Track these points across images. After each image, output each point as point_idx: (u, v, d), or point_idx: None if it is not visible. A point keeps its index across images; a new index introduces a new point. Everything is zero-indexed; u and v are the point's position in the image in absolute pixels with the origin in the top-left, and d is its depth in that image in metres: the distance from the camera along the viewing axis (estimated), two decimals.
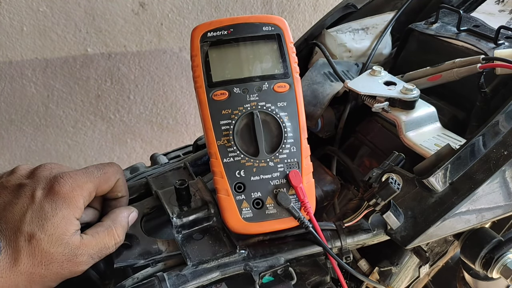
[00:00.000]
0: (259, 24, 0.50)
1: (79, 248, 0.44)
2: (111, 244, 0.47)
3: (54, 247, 0.43)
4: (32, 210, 0.43)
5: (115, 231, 0.47)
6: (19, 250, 0.41)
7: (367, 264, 0.61)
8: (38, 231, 0.42)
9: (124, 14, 1.36)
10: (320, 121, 0.70)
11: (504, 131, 0.51)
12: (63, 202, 0.44)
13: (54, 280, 0.44)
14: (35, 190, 0.44)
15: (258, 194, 0.48)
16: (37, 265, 0.42)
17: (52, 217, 0.43)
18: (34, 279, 0.42)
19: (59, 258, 0.43)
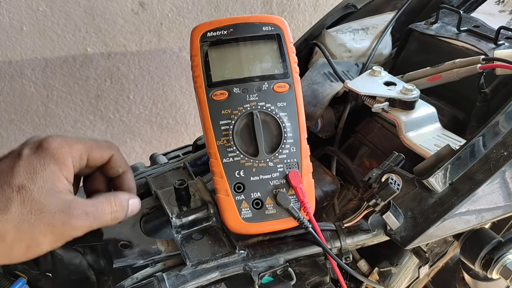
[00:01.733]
0: (259, 24, 0.50)
1: (73, 202, 0.42)
2: (107, 210, 0.45)
3: (45, 197, 0.41)
4: (19, 165, 0.42)
5: (113, 200, 0.46)
6: (8, 199, 0.40)
7: (367, 265, 0.61)
8: (27, 183, 0.41)
9: (123, 14, 1.36)
10: (320, 121, 0.70)
11: (504, 132, 0.51)
12: (51, 158, 0.43)
13: (44, 233, 0.41)
14: (22, 150, 0.43)
15: (258, 194, 0.48)
16: (26, 214, 0.40)
17: (41, 171, 0.42)
18: (22, 229, 0.40)
19: (51, 208, 0.41)
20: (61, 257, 0.52)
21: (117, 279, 0.53)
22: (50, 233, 0.41)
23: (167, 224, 0.61)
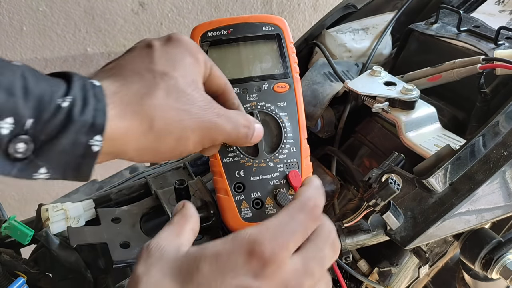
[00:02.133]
0: (259, 24, 0.50)
1: (214, 102, 0.38)
2: (242, 122, 0.40)
3: (190, 89, 0.37)
4: (156, 53, 0.37)
5: (245, 115, 0.42)
6: (151, 84, 0.35)
7: (367, 265, 0.61)
8: (170, 70, 0.36)
9: (123, 14, 1.36)
10: (320, 121, 0.70)
11: (504, 132, 0.51)
12: (185, 49, 0.38)
13: (192, 128, 0.36)
14: (150, 42, 0.39)
15: (258, 194, 0.48)
16: (173, 102, 0.35)
17: (180, 60, 0.37)
18: (171, 118, 0.35)
19: (197, 101, 0.37)
20: (58, 255, 0.52)
21: (117, 279, 0.53)
22: (198, 129, 0.37)
23: None
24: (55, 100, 0.29)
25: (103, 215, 0.56)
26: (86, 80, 0.32)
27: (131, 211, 0.57)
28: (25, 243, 0.55)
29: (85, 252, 0.55)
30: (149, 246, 0.33)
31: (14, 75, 0.28)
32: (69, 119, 0.30)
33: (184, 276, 0.30)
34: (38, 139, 0.29)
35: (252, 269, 0.30)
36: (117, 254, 0.49)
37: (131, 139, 0.34)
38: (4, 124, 0.27)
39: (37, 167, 0.30)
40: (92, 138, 0.31)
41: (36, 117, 0.29)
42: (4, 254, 0.54)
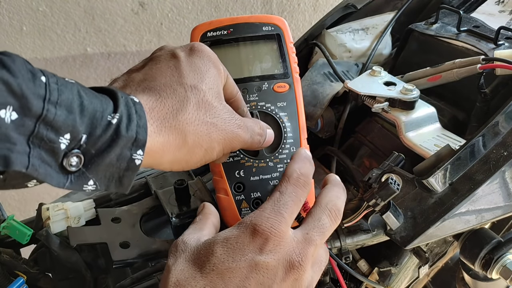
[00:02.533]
0: (259, 24, 0.50)
1: (234, 113, 0.40)
2: (256, 130, 0.43)
3: (216, 101, 0.39)
4: (183, 66, 0.39)
5: (259, 122, 0.44)
6: (183, 99, 0.37)
7: (367, 265, 0.61)
8: (198, 83, 0.38)
9: (123, 14, 1.36)
10: (320, 121, 0.70)
11: (504, 132, 0.51)
12: (208, 60, 0.40)
13: (218, 140, 0.39)
14: (174, 51, 0.40)
15: (258, 194, 0.48)
16: (202, 116, 0.38)
17: (206, 71, 0.39)
18: (201, 131, 0.38)
19: (222, 113, 0.39)
20: (58, 254, 0.52)
21: (117, 279, 0.53)
22: (223, 140, 0.40)
23: (167, 224, 0.61)
24: (106, 117, 0.32)
25: (103, 215, 0.56)
26: (127, 97, 0.34)
27: (131, 211, 0.57)
28: (24, 242, 0.55)
29: (85, 252, 0.55)
30: (176, 242, 0.38)
31: (73, 93, 0.30)
32: (117, 135, 0.32)
33: (203, 260, 0.35)
34: (89, 153, 0.31)
35: (257, 246, 0.35)
36: (117, 254, 0.49)
37: (167, 153, 0.37)
38: (63, 139, 0.29)
39: (87, 179, 0.32)
40: (135, 153, 0.33)
41: (89, 133, 0.31)
42: (4, 254, 0.54)
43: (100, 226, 0.54)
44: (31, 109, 0.28)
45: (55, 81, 0.30)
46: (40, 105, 0.28)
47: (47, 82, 0.29)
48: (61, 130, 0.29)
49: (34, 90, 0.28)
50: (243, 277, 0.34)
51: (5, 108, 0.26)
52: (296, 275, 0.36)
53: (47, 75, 0.30)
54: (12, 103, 0.27)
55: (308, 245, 0.37)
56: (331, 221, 0.39)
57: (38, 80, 0.29)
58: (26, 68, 0.28)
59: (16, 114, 0.27)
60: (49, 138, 0.29)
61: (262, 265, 0.35)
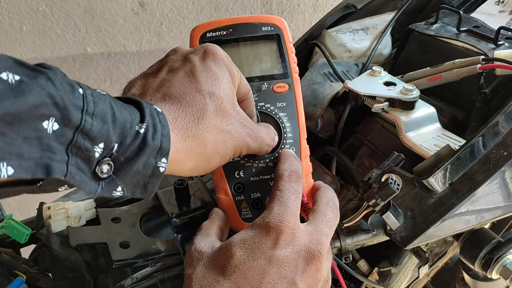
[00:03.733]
0: (258, 24, 0.50)
1: (246, 119, 0.41)
2: (266, 140, 0.44)
3: (231, 108, 0.40)
4: (199, 71, 0.39)
5: (271, 132, 0.45)
6: (203, 106, 0.38)
7: (367, 265, 0.61)
8: (216, 90, 0.39)
9: (123, 14, 1.36)
10: (320, 121, 0.70)
11: (503, 132, 0.51)
12: (223, 64, 0.40)
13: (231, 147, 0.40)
14: (187, 56, 0.40)
15: (258, 195, 0.48)
16: (220, 123, 0.39)
17: (221, 78, 0.39)
18: (218, 139, 0.39)
19: (235, 120, 0.40)
20: (58, 254, 0.52)
21: (117, 279, 0.53)
22: (235, 147, 0.41)
23: (167, 224, 0.61)
24: (134, 127, 0.33)
25: (103, 215, 0.56)
26: (151, 107, 0.35)
27: (131, 211, 0.57)
28: (23, 242, 0.55)
29: (85, 252, 0.55)
30: (189, 252, 0.39)
31: (106, 105, 0.32)
32: (144, 144, 0.34)
33: (223, 263, 0.36)
34: (118, 161, 0.33)
35: (272, 241, 0.37)
36: (117, 254, 0.49)
37: (188, 160, 0.38)
38: (97, 148, 0.31)
39: (116, 185, 0.33)
40: (160, 160, 0.35)
41: (120, 142, 0.32)
42: (4, 254, 0.54)
43: (100, 226, 0.54)
44: (71, 120, 0.29)
45: (91, 93, 0.31)
46: (79, 116, 0.30)
47: (84, 94, 0.30)
48: (96, 140, 0.31)
49: (74, 102, 0.29)
50: (265, 274, 0.35)
51: (48, 120, 0.28)
52: (317, 264, 0.37)
53: (83, 87, 0.31)
54: (55, 115, 0.28)
55: (321, 235, 0.39)
56: (335, 216, 0.42)
57: (77, 92, 0.30)
58: (66, 81, 0.30)
59: (58, 125, 0.29)
60: (86, 147, 0.30)
61: (282, 259, 0.36)
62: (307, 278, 0.37)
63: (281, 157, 0.44)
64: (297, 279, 0.36)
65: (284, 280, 0.36)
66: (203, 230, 0.42)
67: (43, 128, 0.28)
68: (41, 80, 0.28)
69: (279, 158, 0.44)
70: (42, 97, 0.27)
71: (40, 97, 0.27)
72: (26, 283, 0.52)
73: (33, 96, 0.27)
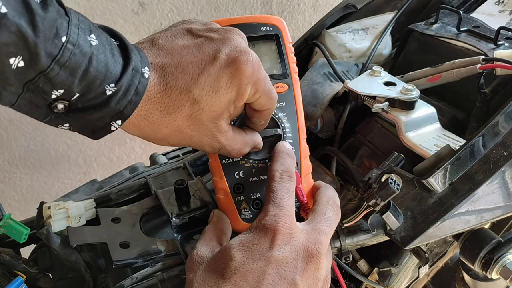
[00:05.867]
0: (257, 24, 0.50)
1: (221, 134, 0.41)
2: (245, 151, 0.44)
3: (209, 122, 0.40)
4: (209, 74, 0.38)
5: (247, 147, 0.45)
6: (178, 106, 0.38)
7: (367, 265, 0.61)
8: (203, 102, 0.38)
9: (123, 14, 1.36)
10: (320, 121, 0.70)
11: (503, 132, 0.51)
12: (237, 83, 0.39)
13: (187, 143, 0.42)
14: (220, 51, 0.39)
15: (257, 195, 0.48)
16: (184, 127, 0.39)
17: (223, 94, 0.39)
18: (174, 136, 0.40)
19: (206, 131, 0.40)
20: (58, 253, 0.52)
21: (117, 279, 0.53)
22: (187, 145, 0.42)
23: (167, 224, 0.61)
24: (104, 86, 0.34)
25: (103, 215, 0.56)
26: (139, 69, 0.36)
27: (131, 211, 0.57)
28: (21, 241, 0.55)
29: (85, 252, 0.55)
30: (191, 256, 0.39)
31: (84, 58, 0.33)
32: (106, 104, 0.35)
33: (222, 267, 0.36)
34: (75, 105, 0.34)
35: (269, 243, 0.37)
36: (116, 254, 0.49)
37: (137, 132, 0.39)
38: (55, 92, 0.32)
39: (64, 122, 0.35)
40: (115, 121, 0.36)
41: (82, 94, 0.33)
42: (4, 254, 0.54)
43: (100, 226, 0.54)
44: (37, 64, 0.31)
45: (75, 41, 0.32)
46: (47, 63, 0.31)
47: (65, 44, 0.31)
48: (57, 86, 0.32)
49: (48, 49, 0.31)
50: (265, 275, 0.36)
51: (15, 57, 0.30)
52: (316, 264, 0.38)
53: (70, 34, 0.32)
54: (23, 55, 0.30)
55: (319, 234, 0.39)
56: (335, 215, 0.42)
57: (58, 39, 0.31)
58: (54, 26, 0.31)
59: (23, 63, 0.30)
60: (44, 89, 0.32)
61: (281, 259, 0.36)
62: (307, 277, 0.37)
63: (274, 155, 0.44)
64: (297, 279, 0.36)
65: (285, 280, 0.36)
66: (205, 235, 0.43)
67: (8, 63, 0.30)
68: (23, 21, 0.29)
69: (272, 156, 0.44)
70: (14, 38, 0.29)
71: (12, 38, 0.29)
72: (26, 283, 0.52)
73: (6, 35, 0.29)
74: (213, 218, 0.46)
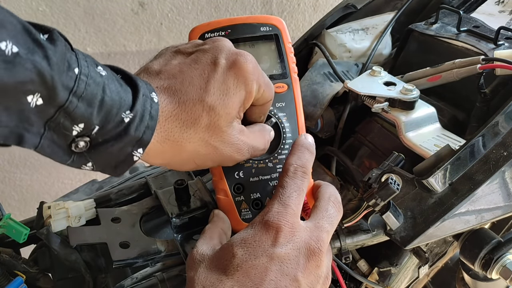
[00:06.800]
0: (257, 24, 0.50)
1: (242, 136, 0.41)
2: (261, 148, 0.44)
3: (227, 127, 0.40)
4: (215, 80, 0.39)
5: (269, 138, 0.45)
6: (197, 117, 0.38)
7: (367, 265, 0.61)
8: (218, 106, 0.39)
9: (123, 14, 1.36)
10: (320, 121, 0.70)
11: (503, 132, 0.51)
12: (243, 82, 0.40)
13: (212, 159, 0.41)
14: (218, 58, 0.40)
15: (257, 195, 0.48)
16: (207, 138, 0.39)
17: (233, 94, 0.39)
18: (199, 151, 0.40)
19: (227, 139, 0.40)
20: (58, 253, 0.52)
21: (117, 279, 0.53)
22: (217, 161, 0.42)
23: (167, 224, 0.61)
24: (121, 114, 0.34)
25: (103, 215, 0.56)
26: (148, 94, 0.36)
27: (131, 211, 0.57)
28: (21, 241, 0.55)
29: (85, 252, 0.55)
30: (191, 254, 0.39)
31: (98, 88, 0.33)
32: (126, 133, 0.35)
33: (225, 264, 0.36)
34: (96, 140, 0.34)
35: (272, 239, 0.37)
36: (116, 254, 0.49)
37: (160, 158, 0.40)
38: (76, 127, 0.32)
39: (86, 161, 0.35)
40: (136, 150, 0.36)
41: (102, 126, 0.33)
42: (3, 254, 0.54)
43: (100, 226, 0.54)
44: (56, 99, 0.30)
45: (87, 73, 0.32)
46: (65, 97, 0.31)
47: (78, 75, 0.31)
48: (77, 120, 0.32)
49: (64, 82, 0.30)
50: (267, 271, 0.36)
51: (33, 94, 0.29)
52: (317, 261, 0.38)
53: (81, 66, 0.32)
54: (41, 91, 0.29)
55: (321, 232, 0.39)
56: (337, 211, 0.42)
57: (72, 71, 0.31)
58: (65, 59, 0.31)
59: (42, 101, 0.30)
60: (65, 125, 0.32)
61: (283, 256, 0.36)
62: (308, 274, 0.37)
63: (293, 147, 0.43)
64: (299, 276, 0.37)
65: (287, 277, 0.36)
66: (206, 234, 0.42)
67: (27, 101, 0.29)
68: (37, 57, 0.29)
69: (292, 147, 0.44)
70: (31, 75, 0.29)
71: (29, 75, 0.28)
72: (25, 283, 0.52)
73: (22, 73, 0.28)
74: (213, 218, 0.46)
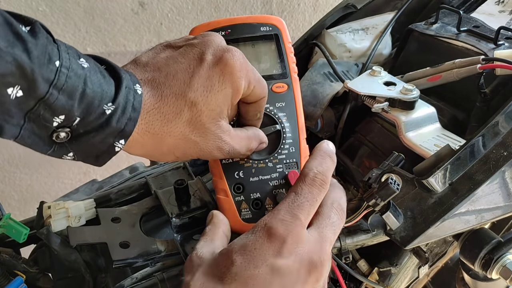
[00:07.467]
0: (257, 24, 0.50)
1: (225, 135, 0.41)
2: (248, 149, 0.44)
3: (210, 123, 0.40)
4: (200, 76, 0.39)
5: (260, 140, 0.45)
6: (178, 112, 0.38)
7: (366, 265, 0.61)
8: (201, 102, 0.39)
9: (123, 14, 1.36)
10: (320, 121, 0.70)
11: (503, 132, 0.51)
12: (229, 79, 0.39)
13: (192, 153, 0.41)
14: (205, 53, 0.40)
15: (257, 195, 0.48)
16: (188, 133, 0.39)
17: (217, 91, 0.39)
18: (178, 144, 0.40)
19: (210, 136, 0.40)
20: (58, 253, 0.52)
21: (117, 279, 0.53)
22: (197, 154, 0.42)
23: (167, 224, 0.61)
24: (102, 106, 0.34)
25: (103, 215, 0.56)
26: (131, 86, 0.36)
27: (131, 211, 0.57)
28: (21, 241, 0.55)
29: (84, 252, 0.55)
30: (190, 257, 0.38)
31: (79, 80, 0.33)
32: (107, 124, 0.35)
33: (222, 271, 0.34)
34: (77, 131, 0.34)
35: (275, 249, 0.35)
36: (116, 254, 0.49)
37: (140, 149, 0.40)
38: (57, 119, 0.32)
39: (67, 151, 0.35)
40: (118, 141, 0.36)
41: (82, 117, 0.33)
42: (3, 254, 0.54)
43: (100, 226, 0.54)
44: (36, 91, 0.31)
45: (68, 65, 0.32)
46: (46, 89, 0.31)
47: (59, 68, 0.31)
48: (57, 112, 0.32)
49: (45, 74, 0.31)
50: (266, 283, 0.34)
51: (13, 87, 0.30)
52: (317, 275, 0.36)
53: (63, 58, 0.32)
54: (21, 84, 0.30)
55: (324, 243, 0.37)
56: (340, 219, 0.40)
57: (52, 64, 0.31)
58: (46, 51, 0.31)
59: (22, 93, 0.30)
60: (45, 117, 0.32)
61: (284, 268, 0.34)
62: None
63: (314, 151, 0.41)
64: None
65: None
66: (207, 236, 0.41)
67: (7, 93, 0.30)
68: (17, 50, 0.29)
69: (313, 151, 0.41)
70: (11, 68, 0.29)
71: (9, 68, 0.29)
72: (25, 282, 0.52)
73: (3, 66, 0.28)
74: (213, 219, 0.44)
